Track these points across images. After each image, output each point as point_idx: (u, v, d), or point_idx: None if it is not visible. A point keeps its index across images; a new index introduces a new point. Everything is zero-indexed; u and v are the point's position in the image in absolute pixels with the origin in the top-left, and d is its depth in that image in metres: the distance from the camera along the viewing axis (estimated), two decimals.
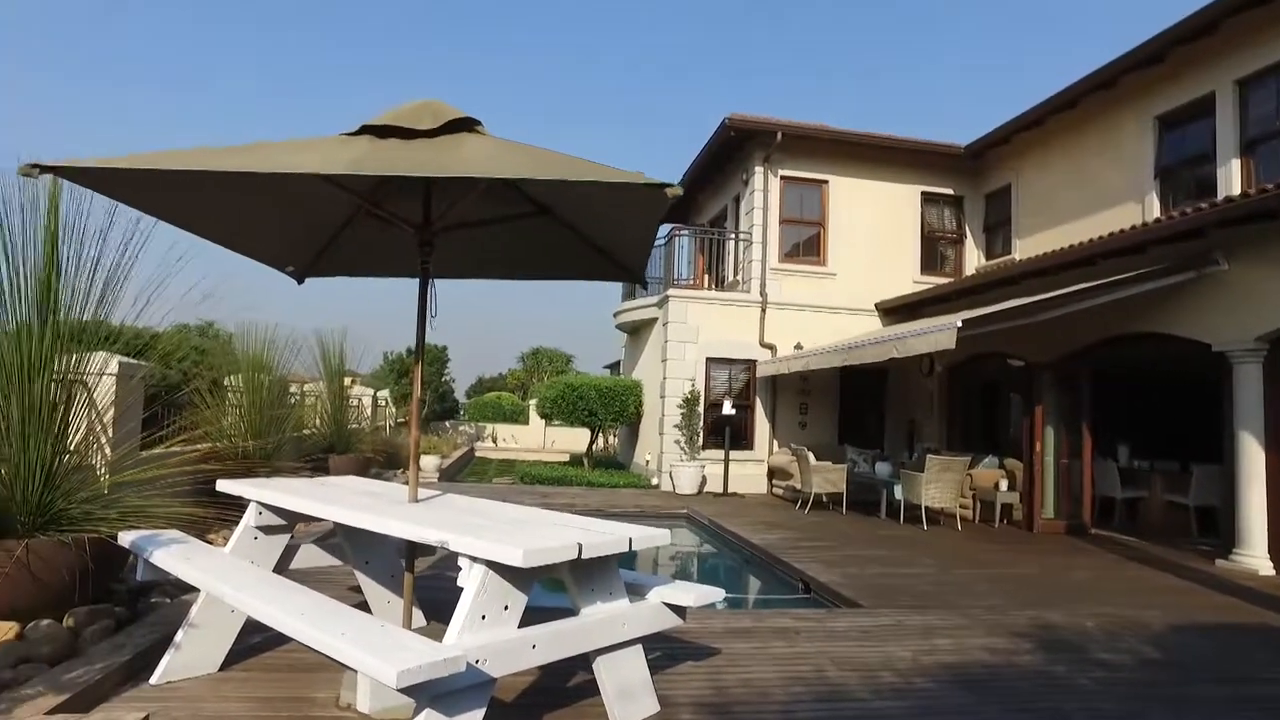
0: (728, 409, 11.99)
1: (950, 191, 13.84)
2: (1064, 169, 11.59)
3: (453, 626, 2.38)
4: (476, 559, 2.46)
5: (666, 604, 3.10)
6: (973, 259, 13.80)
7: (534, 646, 2.53)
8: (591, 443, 15.43)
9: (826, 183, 13.37)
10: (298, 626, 2.37)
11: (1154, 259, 7.90)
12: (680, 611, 3.15)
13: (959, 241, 13.95)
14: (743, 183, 13.71)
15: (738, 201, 14.12)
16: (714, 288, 14.27)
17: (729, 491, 12.00)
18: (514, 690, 3.23)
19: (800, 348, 12.61)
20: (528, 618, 2.58)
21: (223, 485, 3.69)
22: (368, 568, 3.89)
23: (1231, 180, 8.73)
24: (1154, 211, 9.68)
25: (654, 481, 12.86)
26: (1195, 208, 7.46)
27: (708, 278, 14.67)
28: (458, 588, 2.48)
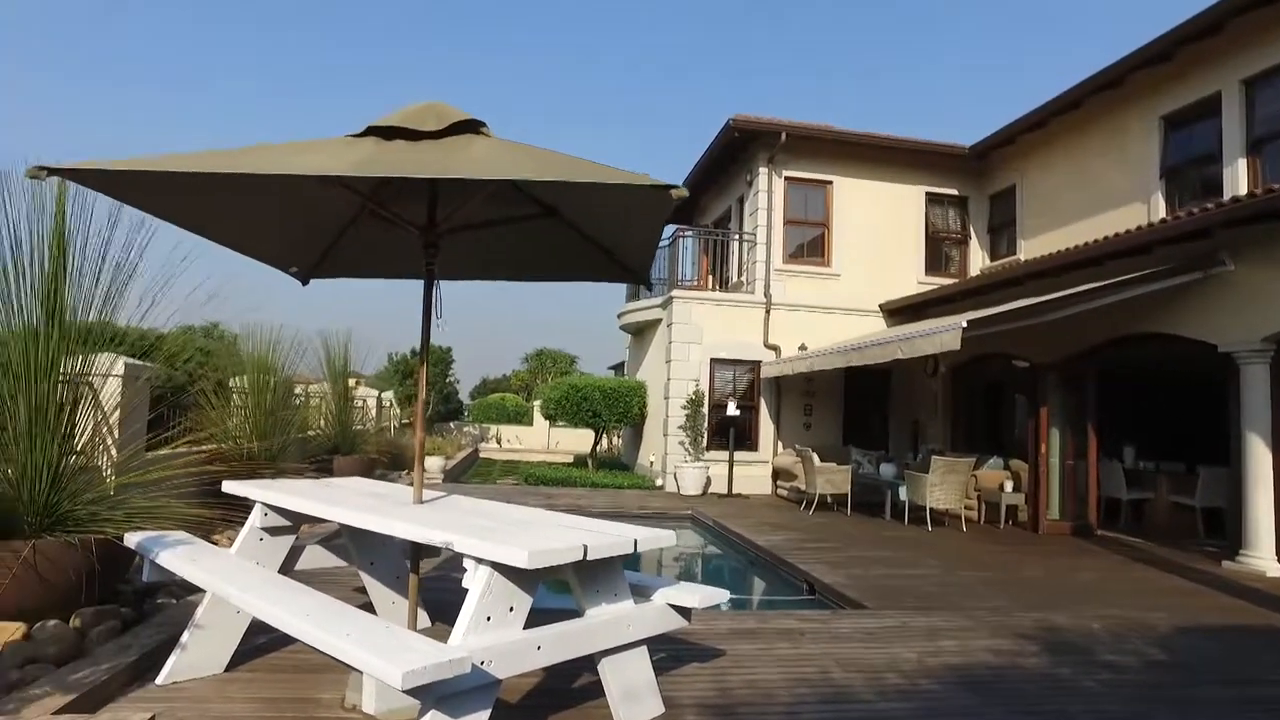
0: (732, 410, 11.96)
1: (954, 192, 13.82)
2: (1068, 170, 11.57)
3: (458, 628, 2.39)
4: (482, 560, 2.46)
5: (671, 605, 3.10)
6: (977, 260, 13.77)
7: (539, 648, 2.53)
8: (596, 444, 15.43)
9: (830, 183, 13.35)
10: (303, 627, 2.37)
11: (1160, 259, 7.88)
12: (685, 613, 3.14)
13: (963, 242, 13.93)
14: (746, 184, 13.70)
15: (742, 202, 14.12)
16: (718, 289, 14.25)
17: (733, 493, 11.99)
18: (519, 691, 3.23)
19: (804, 348, 12.59)
20: (532, 619, 2.58)
21: (228, 486, 3.70)
22: (373, 569, 3.89)
23: (1238, 180, 8.71)
24: (1159, 212, 9.66)
25: (658, 483, 12.86)
26: (1201, 208, 7.43)
27: (712, 279, 14.64)
28: (463, 589, 2.48)
